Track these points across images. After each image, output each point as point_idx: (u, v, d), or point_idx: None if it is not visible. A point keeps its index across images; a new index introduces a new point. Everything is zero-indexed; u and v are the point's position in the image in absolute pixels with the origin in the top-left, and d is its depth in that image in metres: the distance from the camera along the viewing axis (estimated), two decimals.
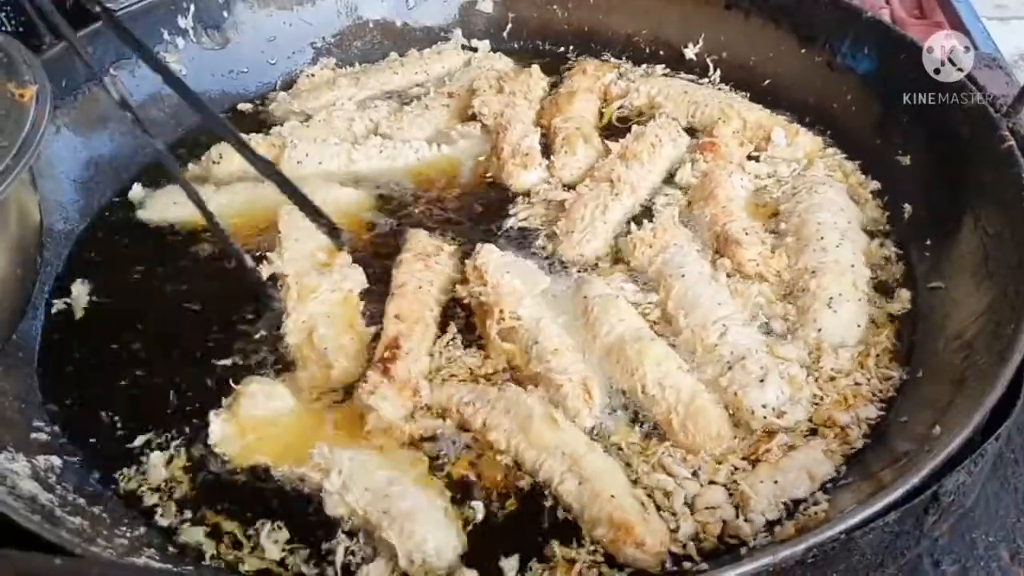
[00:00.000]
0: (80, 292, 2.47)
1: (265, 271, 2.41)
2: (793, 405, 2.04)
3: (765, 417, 2.01)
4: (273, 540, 1.88)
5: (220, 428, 2.07)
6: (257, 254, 2.46)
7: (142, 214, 2.71)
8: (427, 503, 1.87)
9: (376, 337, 2.25)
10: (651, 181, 2.69)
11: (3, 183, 1.73)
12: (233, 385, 2.15)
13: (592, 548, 1.83)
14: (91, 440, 2.11)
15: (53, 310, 2.43)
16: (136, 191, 2.79)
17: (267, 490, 1.98)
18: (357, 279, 2.39)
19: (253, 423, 2.08)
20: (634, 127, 2.84)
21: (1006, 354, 1.81)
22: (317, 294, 2.33)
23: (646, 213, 2.61)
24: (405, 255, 2.46)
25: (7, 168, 1.75)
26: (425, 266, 2.42)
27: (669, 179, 2.74)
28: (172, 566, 1.80)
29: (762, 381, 2.03)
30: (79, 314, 2.43)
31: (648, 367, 2.07)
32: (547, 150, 2.84)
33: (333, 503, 1.88)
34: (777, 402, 2.03)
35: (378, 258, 2.51)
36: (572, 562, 1.81)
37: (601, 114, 3.04)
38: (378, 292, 2.39)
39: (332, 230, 2.38)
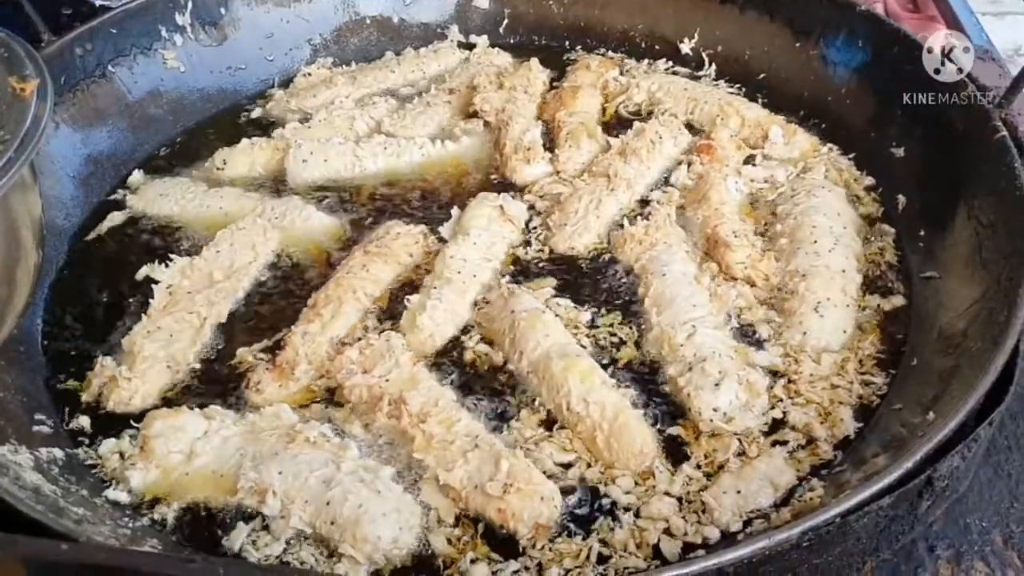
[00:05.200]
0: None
1: (143, 271, 2.45)
2: (744, 412, 2.01)
3: (712, 420, 1.99)
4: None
5: (140, 478, 1.96)
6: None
7: (131, 200, 2.75)
8: (368, 494, 1.83)
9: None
10: (649, 178, 2.69)
11: (6, 175, 1.74)
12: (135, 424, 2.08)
13: None
14: (92, 431, 2.11)
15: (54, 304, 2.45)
16: (136, 176, 2.85)
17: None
18: (217, 312, 2.33)
19: (171, 463, 1.97)
20: (636, 124, 2.84)
21: (999, 340, 1.83)
22: (174, 310, 2.30)
23: (642, 210, 2.60)
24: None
25: (9, 161, 1.76)
26: (364, 251, 2.43)
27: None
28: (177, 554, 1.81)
29: (717, 385, 2.01)
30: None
31: (572, 383, 2.02)
32: (549, 144, 2.85)
33: (280, 528, 1.85)
34: (729, 407, 2.00)
35: None
36: None
37: (604, 110, 3.04)
38: None
39: None
